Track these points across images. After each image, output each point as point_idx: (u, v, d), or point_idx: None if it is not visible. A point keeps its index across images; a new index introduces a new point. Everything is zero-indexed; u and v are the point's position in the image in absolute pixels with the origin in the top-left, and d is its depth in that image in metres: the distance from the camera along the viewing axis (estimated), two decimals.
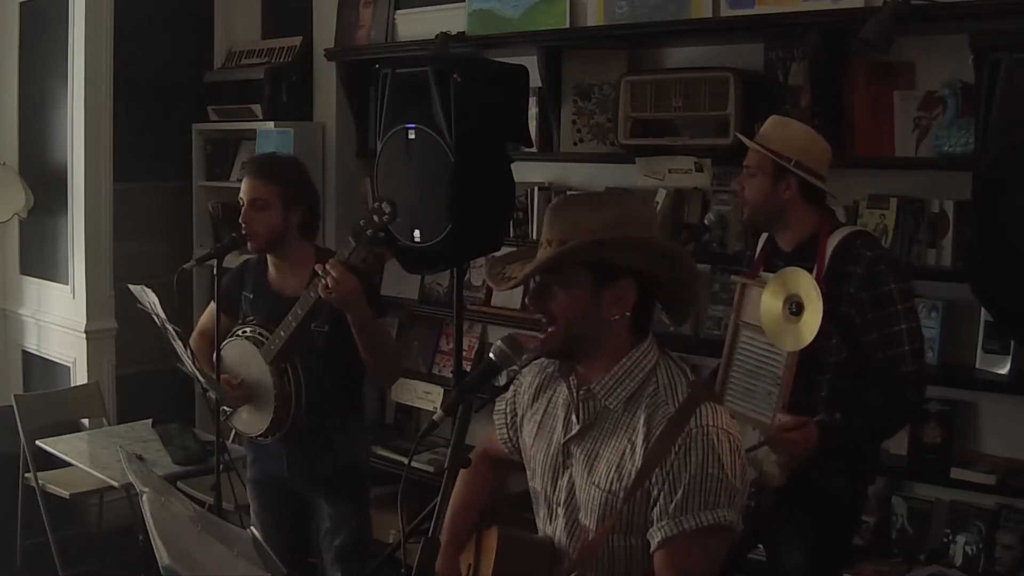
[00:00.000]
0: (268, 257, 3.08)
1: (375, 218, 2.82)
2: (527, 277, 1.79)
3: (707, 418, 1.72)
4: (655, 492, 1.72)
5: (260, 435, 3.03)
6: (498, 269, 1.92)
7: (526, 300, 1.85)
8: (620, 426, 1.81)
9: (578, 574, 1.78)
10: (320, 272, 2.74)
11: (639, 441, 1.76)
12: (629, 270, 1.76)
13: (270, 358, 2.94)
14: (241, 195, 2.99)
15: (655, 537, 1.73)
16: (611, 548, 1.80)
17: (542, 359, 1.94)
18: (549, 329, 1.80)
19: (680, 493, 1.70)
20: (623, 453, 1.78)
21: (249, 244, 3.00)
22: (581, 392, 1.85)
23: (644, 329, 1.84)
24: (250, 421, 3.05)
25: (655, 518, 1.73)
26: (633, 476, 1.75)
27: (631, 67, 3.85)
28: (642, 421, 1.77)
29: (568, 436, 1.87)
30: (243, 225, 2.97)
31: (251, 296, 3.10)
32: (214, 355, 3.06)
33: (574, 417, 1.87)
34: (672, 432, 1.72)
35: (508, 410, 2.08)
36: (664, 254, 1.80)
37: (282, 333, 2.91)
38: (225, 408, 3.10)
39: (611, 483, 1.78)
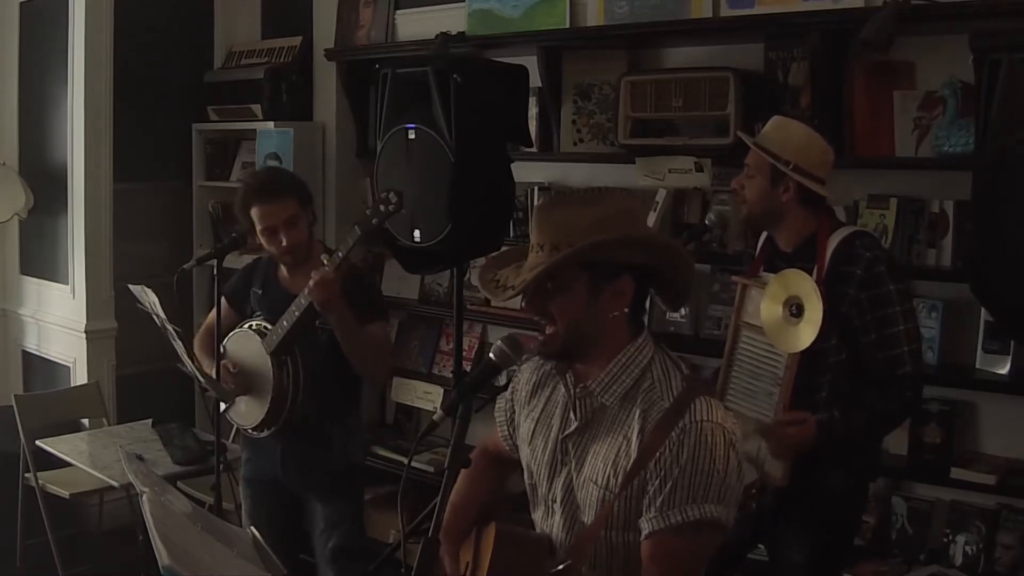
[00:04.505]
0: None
1: (381, 208, 2.85)
2: (526, 288, 1.77)
3: (702, 413, 1.72)
4: (648, 486, 1.73)
5: (255, 427, 3.04)
6: (490, 276, 1.90)
7: (523, 304, 1.83)
8: (617, 423, 1.81)
9: (572, 562, 1.78)
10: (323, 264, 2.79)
11: (634, 437, 1.76)
12: (626, 265, 1.77)
13: (271, 349, 2.95)
14: (268, 223, 2.95)
15: (643, 529, 1.74)
16: (610, 544, 1.80)
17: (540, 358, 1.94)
18: (548, 330, 1.80)
19: (669, 487, 1.70)
20: (619, 449, 1.78)
21: (288, 259, 3.01)
22: (578, 390, 1.85)
23: (639, 321, 1.84)
24: (246, 412, 3.06)
25: (644, 509, 1.74)
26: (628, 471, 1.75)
27: (631, 67, 3.85)
28: (637, 417, 1.77)
29: (565, 432, 1.88)
30: (284, 247, 2.96)
31: (259, 292, 3.12)
32: (218, 348, 3.08)
33: (572, 414, 1.87)
34: (666, 426, 1.72)
35: (507, 407, 2.08)
36: (662, 249, 1.81)
37: (284, 323, 2.93)
38: (224, 401, 3.11)
39: (608, 479, 1.78)
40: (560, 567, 1.78)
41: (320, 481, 3.08)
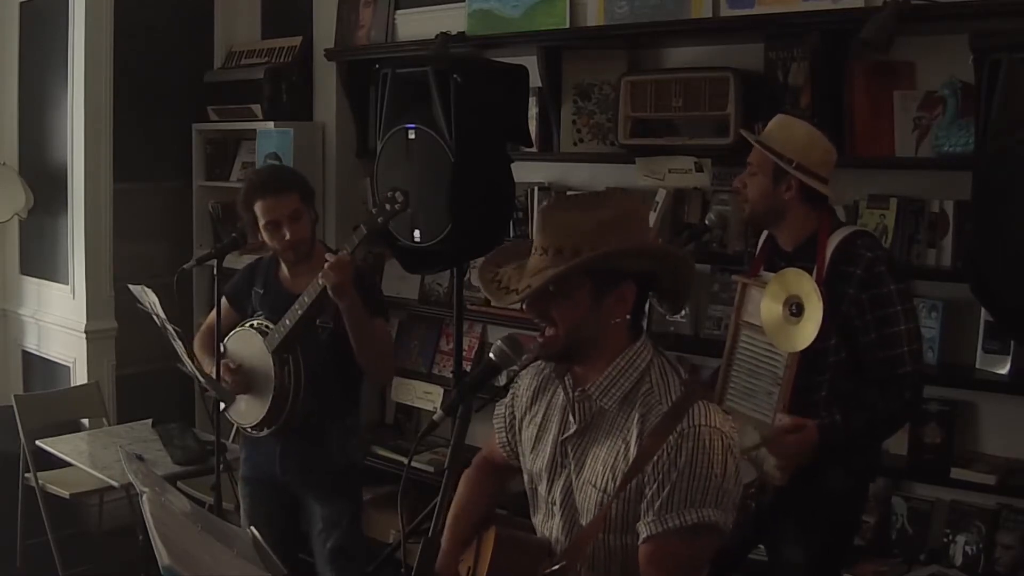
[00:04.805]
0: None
1: (388, 207, 2.87)
2: (532, 295, 1.76)
3: (700, 417, 1.72)
4: (646, 490, 1.73)
5: (254, 426, 3.04)
6: (490, 275, 1.89)
7: (524, 306, 1.83)
8: (616, 426, 1.81)
9: (567, 563, 1.77)
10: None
11: (633, 441, 1.76)
12: (629, 272, 1.77)
13: (273, 347, 2.95)
14: (271, 216, 2.95)
15: (641, 533, 1.74)
16: (608, 547, 1.80)
17: (540, 361, 1.94)
18: (548, 332, 1.80)
19: (667, 491, 1.70)
20: (618, 453, 1.78)
21: (291, 255, 3.00)
22: (576, 393, 1.85)
23: (638, 325, 1.84)
24: (247, 411, 3.06)
25: (642, 513, 1.74)
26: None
27: (631, 67, 3.85)
28: (636, 420, 1.77)
29: (565, 436, 1.88)
30: (288, 242, 2.96)
31: (261, 291, 3.13)
32: (218, 347, 3.07)
33: (571, 417, 1.87)
34: (664, 430, 1.72)
35: (506, 414, 2.08)
36: (666, 257, 1.81)
37: (287, 322, 2.93)
38: (224, 401, 3.11)
39: (606, 483, 1.79)
40: (555, 567, 1.78)
41: (319, 480, 3.08)
